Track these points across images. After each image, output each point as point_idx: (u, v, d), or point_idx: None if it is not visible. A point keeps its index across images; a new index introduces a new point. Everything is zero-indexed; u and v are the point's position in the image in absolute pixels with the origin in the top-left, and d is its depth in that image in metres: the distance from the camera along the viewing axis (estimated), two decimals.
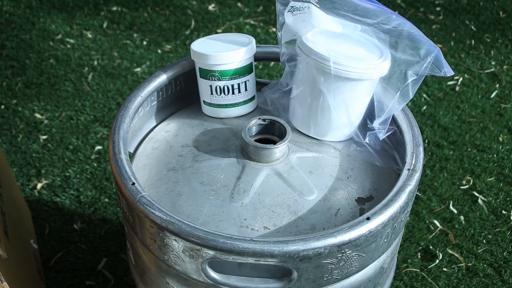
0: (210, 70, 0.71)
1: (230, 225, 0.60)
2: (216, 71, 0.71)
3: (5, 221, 0.91)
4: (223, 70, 0.71)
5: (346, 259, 0.57)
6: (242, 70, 0.72)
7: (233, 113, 0.75)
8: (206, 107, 0.76)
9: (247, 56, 0.71)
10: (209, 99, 0.74)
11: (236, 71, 0.71)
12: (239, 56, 0.70)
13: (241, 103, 0.75)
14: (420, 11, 2.18)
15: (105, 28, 2.00)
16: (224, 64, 0.70)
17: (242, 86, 0.73)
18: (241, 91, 0.74)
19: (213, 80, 0.72)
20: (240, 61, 0.71)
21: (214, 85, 0.72)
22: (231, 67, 0.71)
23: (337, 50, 0.65)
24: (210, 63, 0.70)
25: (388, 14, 0.65)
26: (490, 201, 1.36)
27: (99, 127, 1.55)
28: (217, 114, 0.76)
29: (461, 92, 1.74)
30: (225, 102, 0.74)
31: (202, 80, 0.73)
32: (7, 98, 1.65)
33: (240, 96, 0.74)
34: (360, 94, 0.67)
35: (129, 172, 0.61)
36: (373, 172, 0.69)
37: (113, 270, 1.17)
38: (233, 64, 0.71)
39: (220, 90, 0.72)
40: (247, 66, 0.72)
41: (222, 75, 0.71)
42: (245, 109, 0.76)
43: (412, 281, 1.17)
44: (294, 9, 0.67)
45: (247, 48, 0.71)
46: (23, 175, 1.39)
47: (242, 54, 0.71)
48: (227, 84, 0.72)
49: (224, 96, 0.73)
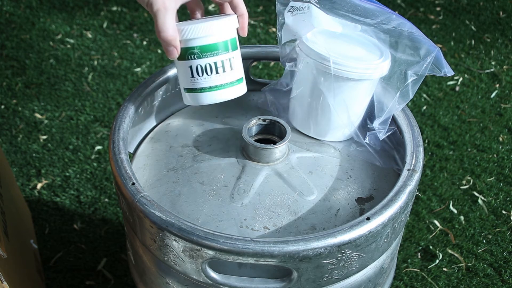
0: (189, 48, 0.63)
1: (230, 225, 0.60)
2: (195, 48, 0.63)
3: (5, 221, 0.91)
4: (203, 45, 0.63)
5: (346, 259, 0.57)
6: (225, 45, 0.64)
7: (219, 97, 0.66)
8: (187, 95, 0.67)
9: (229, 27, 0.64)
10: (190, 84, 0.66)
11: (219, 45, 0.64)
12: (220, 27, 0.63)
13: (227, 84, 0.66)
14: (420, 11, 2.18)
15: (105, 28, 2.00)
16: (204, 37, 0.63)
17: (226, 63, 0.65)
18: (226, 70, 0.65)
19: (193, 59, 0.64)
20: (222, 33, 0.63)
21: (195, 65, 0.64)
22: (213, 41, 0.63)
23: (337, 50, 0.65)
24: (187, 38, 0.62)
25: (388, 14, 0.65)
26: (490, 201, 1.36)
27: (99, 127, 1.55)
28: (201, 101, 0.66)
29: (461, 92, 1.74)
30: (208, 84, 0.65)
31: (180, 63, 0.65)
32: (7, 98, 1.65)
33: (225, 76, 0.65)
34: (360, 94, 0.67)
35: (129, 172, 0.61)
36: (373, 172, 0.69)
37: (113, 270, 1.17)
38: (214, 37, 0.63)
39: (202, 70, 0.64)
40: (230, 40, 0.65)
41: (202, 51, 0.63)
42: (233, 92, 0.67)
43: (412, 281, 1.17)
44: (294, 9, 0.67)
45: (229, 18, 0.64)
46: (23, 175, 1.39)
47: (223, 24, 0.63)
48: (209, 61, 0.64)
49: (206, 76, 0.64)
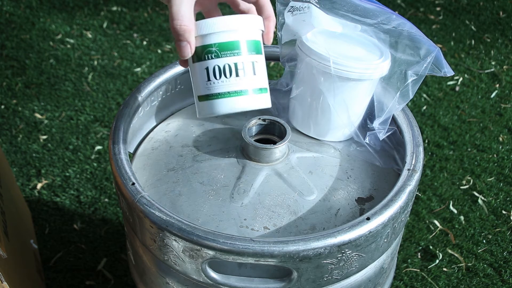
0: (206, 46, 0.55)
1: (230, 225, 0.60)
2: (213, 45, 0.54)
3: (5, 221, 0.91)
4: (222, 42, 0.54)
5: (346, 259, 0.57)
6: (248, 45, 0.55)
7: (238, 105, 0.56)
8: (202, 104, 0.57)
9: (253, 25, 0.56)
10: (205, 90, 0.56)
11: (240, 44, 0.55)
12: (243, 23, 0.55)
13: (248, 91, 0.56)
14: (420, 11, 2.17)
15: (105, 28, 2.00)
16: (224, 33, 0.54)
17: (248, 66, 0.55)
18: (247, 74, 0.55)
19: (210, 58, 0.55)
20: (244, 30, 0.55)
21: (212, 66, 0.55)
22: (233, 38, 0.55)
23: (337, 50, 0.65)
24: (204, 33, 0.54)
25: (388, 14, 0.65)
26: (490, 201, 1.36)
27: (99, 127, 1.55)
28: (218, 109, 0.56)
29: (461, 92, 1.74)
30: (226, 88, 0.55)
31: (195, 66, 0.56)
32: (7, 98, 1.65)
33: (246, 80, 0.55)
34: (360, 94, 0.67)
35: (129, 172, 0.61)
36: (373, 172, 0.69)
37: (113, 270, 1.17)
38: (235, 34, 0.55)
39: (220, 71, 0.55)
40: (254, 42, 0.56)
41: (221, 50, 0.54)
42: (255, 102, 0.57)
43: (412, 281, 1.17)
44: (294, 9, 0.67)
45: (254, 16, 0.57)
46: (23, 175, 1.39)
47: (247, 20, 0.55)
48: (228, 62, 0.55)
49: (225, 79, 0.55)
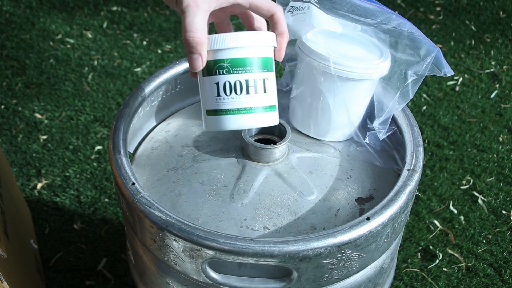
0: (218, 61, 0.55)
1: (230, 225, 0.60)
2: (225, 60, 0.54)
3: (5, 221, 0.91)
4: (234, 58, 0.54)
5: (346, 259, 0.57)
6: (260, 62, 0.56)
7: (247, 122, 0.57)
8: (210, 118, 0.57)
9: (266, 42, 0.56)
10: (214, 105, 0.56)
11: (252, 61, 0.55)
12: (256, 40, 0.55)
13: (257, 108, 0.56)
14: (420, 11, 2.17)
15: (105, 28, 2.00)
16: (236, 49, 0.54)
17: (259, 84, 0.56)
18: (259, 91, 0.56)
19: (221, 74, 0.55)
20: (257, 47, 0.55)
21: (223, 81, 0.55)
22: (246, 54, 0.55)
23: (337, 50, 0.65)
24: (217, 48, 0.54)
25: (388, 14, 0.65)
26: (490, 201, 1.36)
27: (99, 127, 1.55)
28: (225, 125, 0.57)
29: (461, 92, 1.74)
30: (236, 105, 0.56)
31: (205, 80, 0.56)
32: (7, 98, 1.65)
33: (257, 98, 0.56)
34: (360, 94, 0.67)
35: (129, 172, 0.61)
36: (373, 172, 0.68)
37: (113, 270, 1.17)
38: (248, 50, 0.55)
39: (230, 87, 0.55)
40: (266, 59, 0.56)
41: (233, 66, 0.55)
42: (263, 119, 0.57)
43: (412, 281, 1.17)
44: (294, 9, 0.67)
45: (267, 33, 0.56)
46: (23, 175, 1.39)
47: (260, 37, 0.55)
48: (239, 78, 0.55)
49: (235, 96, 0.55)
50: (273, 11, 0.56)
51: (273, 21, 0.57)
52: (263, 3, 0.55)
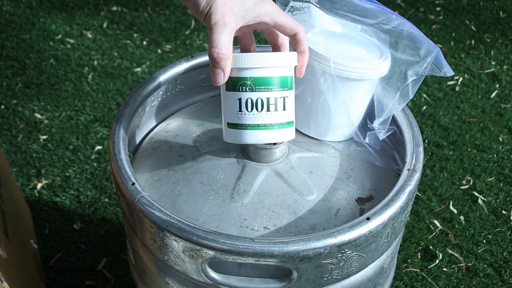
0: (241, 78, 0.58)
1: (230, 225, 0.60)
2: (248, 78, 0.57)
3: (5, 221, 0.91)
4: (258, 77, 0.58)
5: (346, 259, 0.57)
6: (281, 81, 0.59)
7: (265, 138, 0.60)
8: (230, 131, 0.61)
9: (288, 62, 0.59)
10: (235, 119, 0.60)
11: (274, 80, 0.58)
12: (279, 60, 0.58)
13: (276, 125, 0.60)
14: (420, 11, 2.18)
15: (105, 28, 2.00)
16: (260, 69, 0.57)
17: (280, 102, 0.59)
18: (278, 109, 0.59)
19: (244, 91, 0.58)
20: (280, 67, 0.58)
21: (245, 98, 0.58)
22: (269, 74, 0.58)
23: (337, 50, 0.65)
24: (241, 67, 0.57)
25: (388, 14, 0.65)
26: (490, 201, 1.36)
27: (99, 127, 1.55)
28: (244, 139, 0.60)
29: (461, 92, 1.74)
30: (256, 121, 0.59)
31: (228, 94, 0.59)
32: (7, 98, 1.65)
33: (276, 115, 0.59)
34: (360, 94, 0.67)
35: (129, 172, 0.61)
36: (373, 172, 0.69)
37: (113, 270, 1.17)
38: (271, 70, 0.58)
39: (252, 104, 0.58)
40: (287, 78, 0.60)
41: (255, 84, 0.58)
42: (281, 135, 0.61)
43: (412, 281, 1.17)
44: (294, 9, 0.67)
45: (290, 53, 0.60)
46: (23, 175, 1.39)
47: (283, 58, 0.59)
48: (261, 96, 0.58)
49: (256, 113, 0.59)
50: (296, 30, 0.58)
51: (295, 39, 0.59)
52: (287, 22, 0.58)
